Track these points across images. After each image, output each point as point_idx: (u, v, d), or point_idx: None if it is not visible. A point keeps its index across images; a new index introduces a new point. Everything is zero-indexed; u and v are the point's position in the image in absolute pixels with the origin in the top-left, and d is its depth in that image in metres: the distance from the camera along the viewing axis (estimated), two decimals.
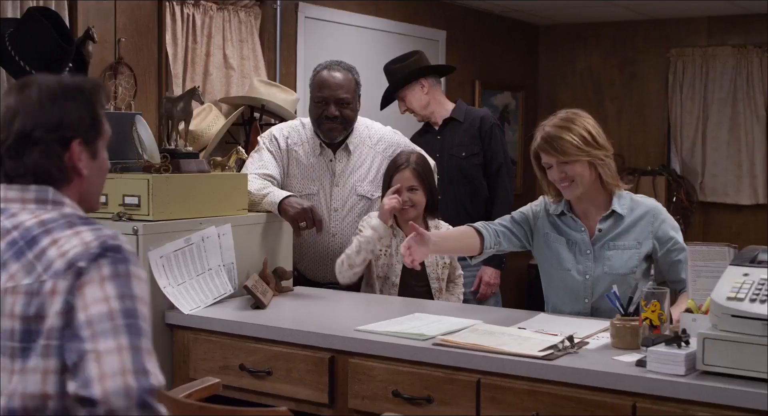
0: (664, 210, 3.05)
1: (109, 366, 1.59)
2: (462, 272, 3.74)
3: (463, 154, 4.39)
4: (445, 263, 3.59)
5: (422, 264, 3.37)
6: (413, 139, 4.45)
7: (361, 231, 3.55)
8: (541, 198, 3.17)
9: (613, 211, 3.00)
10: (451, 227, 3.67)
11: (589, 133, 2.92)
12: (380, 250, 3.53)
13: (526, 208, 3.18)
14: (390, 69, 4.50)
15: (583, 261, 3.01)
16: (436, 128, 4.50)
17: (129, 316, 1.65)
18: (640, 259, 2.97)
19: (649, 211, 3.00)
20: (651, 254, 2.98)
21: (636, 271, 2.96)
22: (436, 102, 4.49)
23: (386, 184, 3.60)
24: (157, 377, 1.63)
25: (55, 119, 1.80)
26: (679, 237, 3.01)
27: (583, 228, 3.03)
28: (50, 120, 1.79)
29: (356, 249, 3.47)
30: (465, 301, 3.85)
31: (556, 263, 3.06)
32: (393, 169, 3.60)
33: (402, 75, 4.43)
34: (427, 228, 3.57)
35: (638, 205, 3.03)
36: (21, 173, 1.79)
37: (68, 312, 1.64)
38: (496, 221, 3.20)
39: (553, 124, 2.95)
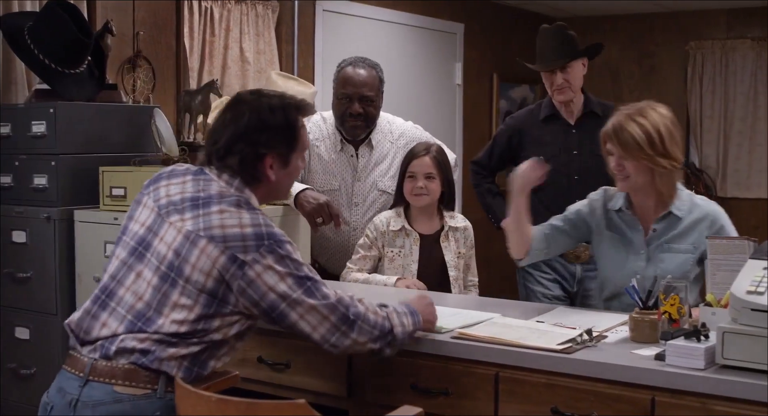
0: (724, 214, 2.92)
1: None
2: (476, 280, 3.66)
3: None
4: (460, 253, 3.57)
5: (442, 257, 3.48)
6: (524, 118, 4.08)
7: (369, 234, 3.55)
8: (601, 190, 3.06)
9: (670, 212, 2.90)
10: (467, 221, 3.65)
11: (659, 133, 2.79)
12: (392, 252, 3.52)
13: (584, 204, 3.06)
14: (567, 34, 3.93)
15: (635, 261, 2.93)
16: (569, 121, 3.96)
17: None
18: (694, 263, 2.89)
19: (708, 215, 2.89)
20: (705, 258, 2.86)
21: (689, 275, 2.86)
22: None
23: (403, 171, 3.58)
24: None
25: (254, 138, 2.31)
26: None
27: (639, 228, 2.94)
28: (251, 139, 2.31)
29: (362, 279, 3.48)
30: None
31: (610, 262, 2.99)
32: (411, 155, 3.58)
33: (577, 45, 3.94)
34: (441, 219, 3.58)
35: (697, 207, 2.91)
36: (222, 170, 2.33)
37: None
38: (549, 222, 3.06)
39: (627, 113, 2.84)
